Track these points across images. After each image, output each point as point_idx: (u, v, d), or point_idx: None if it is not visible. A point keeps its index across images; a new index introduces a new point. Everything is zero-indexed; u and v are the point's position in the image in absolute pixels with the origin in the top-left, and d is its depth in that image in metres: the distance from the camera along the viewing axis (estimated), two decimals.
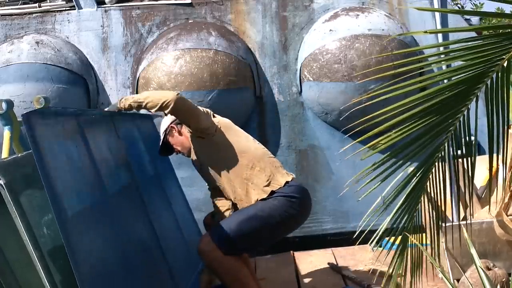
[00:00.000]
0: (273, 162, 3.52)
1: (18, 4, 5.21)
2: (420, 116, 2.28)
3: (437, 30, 4.75)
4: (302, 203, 3.45)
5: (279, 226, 3.38)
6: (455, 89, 2.23)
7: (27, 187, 2.31)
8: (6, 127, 3.60)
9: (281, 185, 3.39)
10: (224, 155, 3.49)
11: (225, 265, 3.31)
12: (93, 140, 2.81)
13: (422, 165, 2.47)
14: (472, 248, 2.21)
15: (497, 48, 2.12)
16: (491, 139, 2.29)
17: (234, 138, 3.53)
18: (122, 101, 3.36)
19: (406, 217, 2.53)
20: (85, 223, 2.35)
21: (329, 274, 4.16)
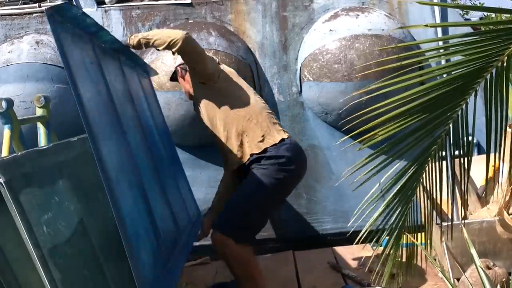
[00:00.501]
0: (270, 118, 3.54)
1: (18, 4, 5.21)
2: (417, 109, 2.28)
3: (437, 24, 4.75)
4: (293, 162, 3.50)
5: (276, 193, 3.44)
6: (453, 84, 2.23)
7: (27, 185, 2.31)
8: (6, 125, 3.60)
9: (275, 142, 3.40)
10: (223, 103, 3.48)
11: (238, 258, 3.43)
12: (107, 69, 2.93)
13: (417, 158, 2.46)
14: (472, 248, 2.21)
15: (497, 44, 2.12)
16: (489, 136, 2.29)
17: (235, 88, 3.55)
18: (131, 38, 3.38)
19: (398, 211, 2.53)
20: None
21: (329, 273, 4.16)
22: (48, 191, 2.46)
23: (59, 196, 2.53)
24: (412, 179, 2.48)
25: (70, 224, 2.55)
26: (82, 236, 2.66)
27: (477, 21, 3.97)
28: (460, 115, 2.35)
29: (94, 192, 3.02)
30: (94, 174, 3.14)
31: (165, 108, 4.65)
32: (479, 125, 2.37)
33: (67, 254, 2.41)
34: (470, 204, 3.89)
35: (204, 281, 4.24)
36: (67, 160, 2.80)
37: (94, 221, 2.81)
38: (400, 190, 2.47)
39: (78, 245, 2.58)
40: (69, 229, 2.52)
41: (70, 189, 2.66)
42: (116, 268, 2.91)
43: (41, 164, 2.51)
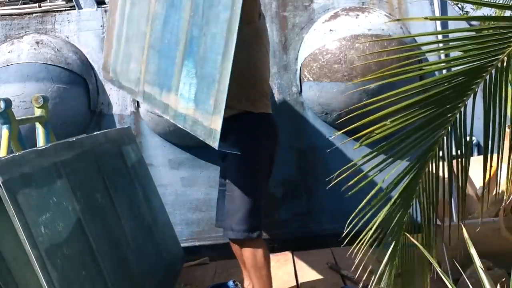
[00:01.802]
0: (265, 91, 3.59)
1: (18, 4, 5.21)
2: (417, 107, 2.26)
3: (437, 17, 4.75)
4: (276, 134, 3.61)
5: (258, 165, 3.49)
6: (453, 81, 2.22)
7: (25, 186, 2.31)
8: (5, 126, 3.61)
9: (255, 112, 3.44)
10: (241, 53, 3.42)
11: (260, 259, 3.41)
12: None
13: (417, 161, 2.45)
14: (472, 248, 2.20)
15: (497, 41, 2.11)
16: (487, 136, 2.28)
17: (259, 44, 3.56)
18: None
19: (400, 213, 2.52)
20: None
21: (328, 274, 4.15)
22: (46, 192, 2.47)
23: (57, 197, 2.53)
24: (413, 182, 2.47)
25: (68, 224, 2.55)
26: (80, 236, 2.66)
27: (477, 16, 3.95)
28: (459, 115, 2.34)
29: (92, 192, 3.03)
30: (92, 174, 3.15)
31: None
32: (480, 125, 2.36)
33: (65, 254, 2.42)
34: (469, 205, 3.88)
35: (203, 282, 4.23)
36: (66, 160, 2.81)
37: (92, 222, 2.81)
38: (402, 193, 2.47)
39: (76, 245, 2.59)
40: (67, 229, 2.53)
41: (68, 190, 2.67)
42: (113, 268, 2.92)
43: (39, 165, 2.51)
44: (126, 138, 4.10)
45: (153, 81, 3.49)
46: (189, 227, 5.03)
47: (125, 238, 3.26)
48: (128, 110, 5.03)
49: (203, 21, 3.01)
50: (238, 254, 3.71)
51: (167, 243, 4.16)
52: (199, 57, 3.00)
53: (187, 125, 3.04)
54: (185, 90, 3.08)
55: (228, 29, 2.72)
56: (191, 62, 3.07)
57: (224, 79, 2.67)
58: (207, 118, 2.84)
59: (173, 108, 3.19)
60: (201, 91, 2.94)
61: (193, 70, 3.04)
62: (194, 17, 3.11)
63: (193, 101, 2.99)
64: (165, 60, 3.38)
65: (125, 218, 3.35)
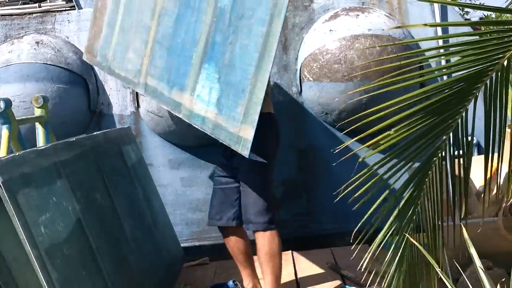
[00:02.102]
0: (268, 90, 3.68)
1: (18, 4, 5.21)
2: (419, 115, 2.27)
3: (437, 24, 4.74)
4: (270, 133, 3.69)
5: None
6: (454, 87, 2.22)
7: (25, 186, 2.31)
8: (4, 126, 3.61)
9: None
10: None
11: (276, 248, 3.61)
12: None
13: (421, 169, 2.46)
14: (472, 248, 2.20)
15: (497, 45, 2.11)
16: (488, 137, 2.29)
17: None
18: None
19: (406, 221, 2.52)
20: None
21: (328, 274, 4.14)
22: (46, 192, 2.47)
23: (57, 197, 2.53)
24: (418, 188, 2.48)
25: (68, 224, 2.56)
26: (80, 236, 2.66)
27: (478, 21, 3.96)
28: (460, 120, 2.35)
29: (92, 192, 3.02)
30: (92, 174, 3.15)
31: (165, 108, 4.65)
32: (481, 125, 2.36)
33: (64, 254, 2.42)
34: (470, 205, 3.88)
35: (203, 282, 4.23)
36: (66, 160, 2.81)
37: (92, 222, 2.81)
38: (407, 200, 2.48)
39: (76, 245, 2.59)
40: (67, 229, 2.53)
41: (68, 190, 2.67)
42: (113, 268, 2.92)
43: (39, 165, 2.51)
44: (126, 138, 4.10)
45: (159, 76, 3.51)
46: (189, 227, 5.02)
47: (125, 238, 3.26)
48: (128, 110, 5.03)
49: (229, 30, 3.08)
50: (236, 252, 3.80)
51: (167, 243, 4.16)
52: (223, 64, 3.08)
53: (206, 127, 3.14)
54: (204, 93, 3.16)
55: (264, 44, 2.81)
56: (213, 67, 3.14)
57: (258, 91, 2.74)
58: (233, 125, 2.95)
59: (188, 108, 3.25)
60: (226, 98, 3.03)
61: (215, 75, 3.12)
62: (217, 23, 3.18)
63: (214, 106, 3.09)
64: (176, 58, 3.41)
65: (125, 218, 3.34)
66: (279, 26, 2.77)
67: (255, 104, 2.84)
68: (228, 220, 3.77)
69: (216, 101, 3.11)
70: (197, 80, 3.24)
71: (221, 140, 3.08)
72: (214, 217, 3.82)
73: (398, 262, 2.59)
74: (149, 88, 3.60)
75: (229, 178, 3.77)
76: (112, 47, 4.10)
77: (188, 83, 3.29)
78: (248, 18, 2.97)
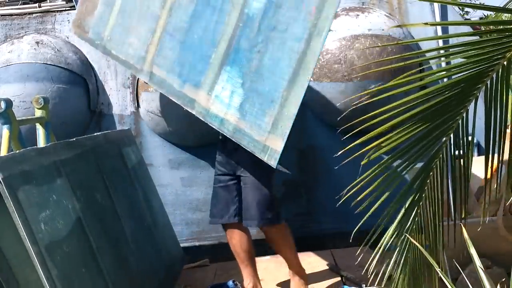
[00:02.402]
0: None
1: (18, 4, 5.22)
2: (419, 117, 2.27)
3: (437, 23, 4.75)
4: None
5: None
6: (454, 89, 2.22)
7: (26, 183, 2.32)
8: (5, 126, 3.61)
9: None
10: None
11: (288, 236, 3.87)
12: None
13: (423, 170, 2.46)
14: (472, 248, 2.20)
15: (497, 45, 2.11)
16: (488, 137, 2.29)
17: None
18: None
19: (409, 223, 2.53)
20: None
21: (328, 275, 4.15)
22: (46, 189, 2.47)
23: (57, 195, 2.54)
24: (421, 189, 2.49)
25: (68, 222, 2.56)
26: (80, 235, 2.66)
27: (478, 21, 3.96)
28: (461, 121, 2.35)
29: (92, 192, 3.03)
30: (92, 174, 3.15)
31: (165, 108, 4.65)
32: (481, 125, 2.36)
33: (65, 251, 2.42)
34: (469, 205, 3.87)
35: (203, 283, 4.22)
36: (66, 159, 2.81)
37: (92, 221, 2.81)
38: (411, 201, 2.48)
39: (76, 243, 2.59)
40: (67, 227, 2.53)
41: (68, 188, 2.67)
42: (113, 268, 2.92)
43: (39, 163, 2.52)
44: (126, 140, 4.11)
45: (170, 68, 3.53)
46: (189, 227, 5.02)
47: (125, 238, 3.27)
48: (128, 110, 5.03)
49: (257, 38, 3.14)
50: (238, 250, 3.84)
51: (167, 244, 4.16)
52: (249, 71, 3.13)
53: (224, 129, 3.20)
54: (224, 95, 3.21)
55: (300, 60, 2.86)
56: (236, 71, 3.19)
57: (291, 106, 2.78)
58: (259, 133, 3.03)
59: (204, 106, 3.30)
60: (251, 105, 3.09)
61: (238, 80, 3.17)
62: (244, 29, 3.22)
63: (236, 110, 3.14)
64: (192, 55, 3.44)
65: (125, 218, 3.35)
66: (319, 45, 2.82)
67: (287, 118, 2.89)
68: (230, 217, 3.80)
69: (239, 106, 3.16)
70: (216, 81, 3.27)
71: (244, 145, 3.12)
72: (216, 216, 3.84)
73: (402, 264, 2.59)
74: (155, 77, 3.60)
75: (228, 175, 3.80)
76: (110, 27, 4.05)
77: (205, 81, 3.32)
78: (282, 31, 3.01)
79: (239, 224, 3.80)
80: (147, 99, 4.78)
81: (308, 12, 2.89)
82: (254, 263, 3.91)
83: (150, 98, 4.75)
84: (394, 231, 2.53)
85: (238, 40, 3.23)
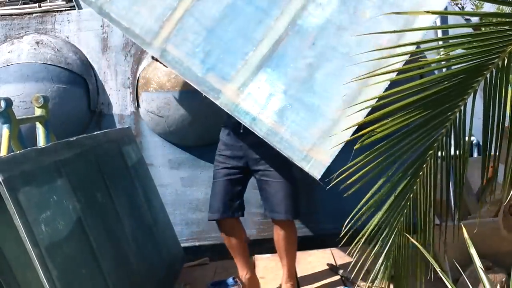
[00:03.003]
0: None
1: (18, 4, 5.21)
2: (417, 105, 2.26)
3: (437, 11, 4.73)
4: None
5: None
6: (453, 79, 2.21)
7: (26, 184, 2.31)
8: (5, 125, 3.61)
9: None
10: None
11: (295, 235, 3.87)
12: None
13: (417, 160, 2.44)
14: (472, 248, 2.20)
15: (498, 38, 2.10)
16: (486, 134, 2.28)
17: None
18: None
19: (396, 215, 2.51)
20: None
21: (328, 275, 4.15)
22: (46, 190, 2.47)
23: (57, 195, 2.53)
24: (412, 181, 2.47)
25: (68, 223, 2.55)
26: (80, 236, 2.66)
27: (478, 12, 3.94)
28: (459, 114, 2.34)
29: (92, 192, 3.02)
30: (92, 174, 3.15)
31: (165, 108, 4.65)
32: (479, 125, 2.36)
33: (65, 252, 2.42)
34: (469, 205, 3.88)
35: (203, 282, 4.23)
36: (66, 159, 2.81)
37: (92, 221, 2.81)
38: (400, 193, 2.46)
39: (76, 244, 2.59)
40: (67, 228, 2.52)
41: (68, 189, 2.67)
42: (114, 268, 2.92)
43: (40, 163, 2.51)
44: (126, 139, 4.11)
45: (191, 52, 3.50)
46: (189, 227, 5.02)
47: (126, 238, 3.26)
48: (128, 110, 5.03)
49: (310, 52, 3.24)
50: (236, 245, 3.84)
51: (167, 243, 4.16)
52: (296, 80, 3.21)
53: (256, 128, 3.21)
54: (260, 95, 3.24)
55: (361, 87, 2.90)
56: (278, 76, 3.25)
57: (345, 127, 2.65)
58: (302, 143, 3.09)
59: (232, 101, 3.30)
60: (295, 114, 3.15)
61: (280, 85, 3.22)
62: (293, 38, 3.31)
63: (275, 113, 3.19)
64: (223, 46, 3.44)
65: (126, 218, 3.34)
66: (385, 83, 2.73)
67: (339, 137, 2.82)
68: (234, 212, 3.81)
69: (278, 110, 3.20)
70: (252, 79, 3.30)
71: (278, 148, 3.15)
72: (218, 210, 3.81)
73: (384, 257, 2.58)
74: (168, 55, 3.52)
75: (234, 169, 3.80)
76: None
77: (237, 76, 3.33)
78: (343, 53, 3.07)
79: (236, 219, 3.84)
80: (147, 99, 4.78)
81: (378, 44, 2.94)
82: (248, 255, 3.97)
83: (150, 98, 4.75)
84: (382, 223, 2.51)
85: (285, 46, 3.29)
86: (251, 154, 3.73)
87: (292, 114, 3.16)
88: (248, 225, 4.86)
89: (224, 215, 3.80)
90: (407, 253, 2.62)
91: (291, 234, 3.83)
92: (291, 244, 3.85)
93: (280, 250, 3.86)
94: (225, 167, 3.82)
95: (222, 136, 3.87)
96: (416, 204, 2.54)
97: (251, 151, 3.72)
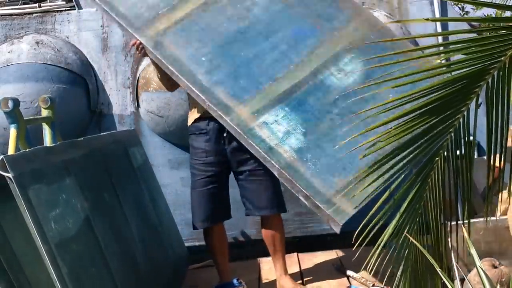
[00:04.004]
0: None
1: (18, 4, 5.20)
2: (420, 113, 2.27)
3: (437, 19, 4.76)
4: None
5: None
6: (456, 85, 2.22)
7: (36, 181, 2.31)
8: (12, 125, 3.59)
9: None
10: None
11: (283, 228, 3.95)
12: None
13: (422, 169, 2.45)
14: (472, 248, 2.20)
15: (499, 42, 2.11)
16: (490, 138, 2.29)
17: None
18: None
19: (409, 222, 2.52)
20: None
21: (333, 274, 4.14)
22: (56, 188, 2.46)
23: (66, 194, 2.53)
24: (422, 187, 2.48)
25: (77, 221, 2.55)
26: (88, 234, 2.65)
27: (479, 17, 3.97)
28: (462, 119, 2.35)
29: (100, 191, 3.02)
30: (100, 173, 3.15)
31: (165, 108, 4.64)
32: (480, 125, 2.37)
33: (74, 250, 2.41)
34: (475, 204, 3.88)
35: (209, 284, 4.21)
36: (74, 158, 2.80)
37: (100, 220, 2.81)
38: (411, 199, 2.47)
39: (85, 242, 2.58)
40: (76, 226, 2.52)
41: (76, 187, 2.66)
42: (121, 267, 2.91)
43: (49, 162, 2.51)
44: (132, 140, 4.12)
45: (197, 60, 3.50)
46: (189, 227, 4.95)
47: (133, 238, 3.26)
48: (128, 110, 5.02)
49: (332, 109, 3.35)
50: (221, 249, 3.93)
51: (173, 244, 4.16)
52: (318, 129, 3.30)
53: (274, 158, 3.23)
54: (277, 129, 3.29)
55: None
56: (298, 118, 3.33)
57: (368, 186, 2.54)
58: (324, 187, 3.15)
59: (245, 124, 3.31)
60: (315, 158, 3.22)
61: (299, 127, 3.29)
62: (314, 91, 3.44)
63: (294, 151, 3.23)
64: (236, 69, 3.48)
65: (132, 218, 3.34)
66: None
67: (362, 194, 2.64)
68: (223, 217, 3.88)
69: (298, 149, 3.24)
70: (268, 110, 3.35)
71: (298, 184, 3.18)
72: (207, 219, 3.83)
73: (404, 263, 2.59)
74: (166, 52, 3.50)
75: (216, 176, 3.78)
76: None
77: (251, 102, 3.37)
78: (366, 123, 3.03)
79: (222, 223, 3.91)
80: (147, 99, 4.77)
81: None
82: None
83: (150, 98, 4.74)
84: (394, 229, 2.52)
85: (305, 94, 3.37)
86: (236, 157, 3.70)
87: (314, 158, 3.19)
88: (248, 225, 4.86)
89: (213, 223, 3.85)
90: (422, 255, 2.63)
91: (282, 228, 3.91)
92: (283, 238, 3.91)
93: (275, 245, 3.88)
94: (207, 176, 3.76)
95: (198, 143, 3.78)
96: (427, 209, 2.55)
97: (236, 154, 3.68)
